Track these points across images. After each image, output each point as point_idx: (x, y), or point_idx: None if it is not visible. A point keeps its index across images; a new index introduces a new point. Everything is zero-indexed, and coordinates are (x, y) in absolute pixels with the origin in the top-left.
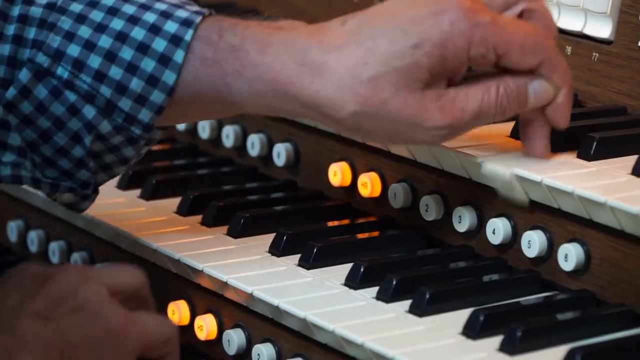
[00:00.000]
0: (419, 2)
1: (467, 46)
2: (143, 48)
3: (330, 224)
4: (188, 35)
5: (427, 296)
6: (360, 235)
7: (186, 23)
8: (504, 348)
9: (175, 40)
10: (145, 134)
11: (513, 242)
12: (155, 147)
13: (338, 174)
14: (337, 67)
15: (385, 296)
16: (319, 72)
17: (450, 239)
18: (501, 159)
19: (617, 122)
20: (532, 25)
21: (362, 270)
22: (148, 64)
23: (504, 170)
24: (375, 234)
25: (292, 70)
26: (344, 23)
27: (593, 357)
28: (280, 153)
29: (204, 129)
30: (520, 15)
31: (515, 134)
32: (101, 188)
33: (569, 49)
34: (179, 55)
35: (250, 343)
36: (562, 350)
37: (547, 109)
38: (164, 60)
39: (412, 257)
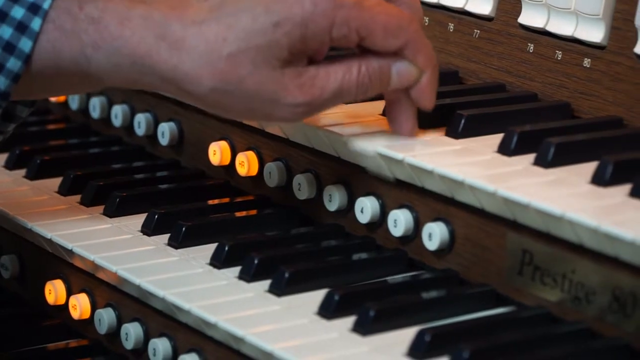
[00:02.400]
0: None
1: (328, 27)
2: (1, 15)
3: (206, 202)
4: (46, 4)
5: (286, 276)
6: (237, 214)
7: None
8: (357, 328)
9: (34, 8)
10: (2, 102)
11: (382, 220)
12: (49, 126)
13: (217, 153)
14: (196, 42)
15: (247, 276)
16: (178, 47)
17: (322, 218)
18: (370, 138)
19: (493, 99)
20: (397, 8)
21: (226, 249)
22: (5, 31)
23: (370, 146)
24: (252, 212)
25: (150, 44)
26: None
27: (443, 337)
28: (165, 132)
29: (95, 108)
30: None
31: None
32: None
33: (451, 26)
34: (36, 23)
35: (120, 322)
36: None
37: (412, 91)
38: (21, 27)
39: (281, 236)
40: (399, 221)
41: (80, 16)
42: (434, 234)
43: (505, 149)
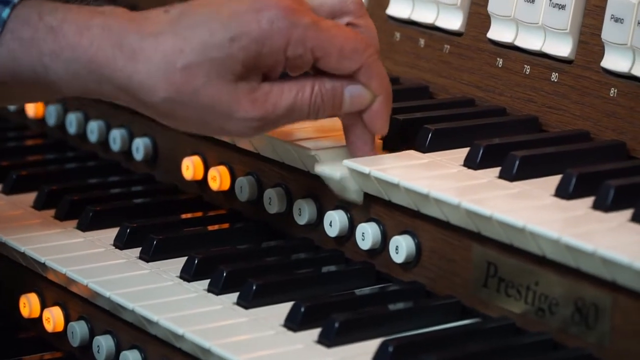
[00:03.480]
0: None
1: (284, 45)
2: None
3: (178, 217)
4: (5, 13)
5: (254, 288)
6: (208, 228)
7: (4, 2)
8: (322, 340)
9: None
10: None
11: (350, 234)
12: (27, 142)
13: (190, 168)
14: (152, 53)
15: (216, 288)
16: (134, 57)
17: (292, 232)
18: (338, 152)
19: (461, 114)
20: (354, 31)
21: (195, 262)
22: None
23: (335, 171)
24: (223, 226)
25: (108, 53)
26: (166, 11)
27: (406, 347)
28: (139, 148)
29: (71, 124)
30: None
31: None
32: None
33: (422, 42)
34: None
35: (92, 335)
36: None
37: (364, 116)
38: None
39: (250, 250)
40: (367, 234)
41: (39, 25)
42: (401, 247)
43: (471, 163)
